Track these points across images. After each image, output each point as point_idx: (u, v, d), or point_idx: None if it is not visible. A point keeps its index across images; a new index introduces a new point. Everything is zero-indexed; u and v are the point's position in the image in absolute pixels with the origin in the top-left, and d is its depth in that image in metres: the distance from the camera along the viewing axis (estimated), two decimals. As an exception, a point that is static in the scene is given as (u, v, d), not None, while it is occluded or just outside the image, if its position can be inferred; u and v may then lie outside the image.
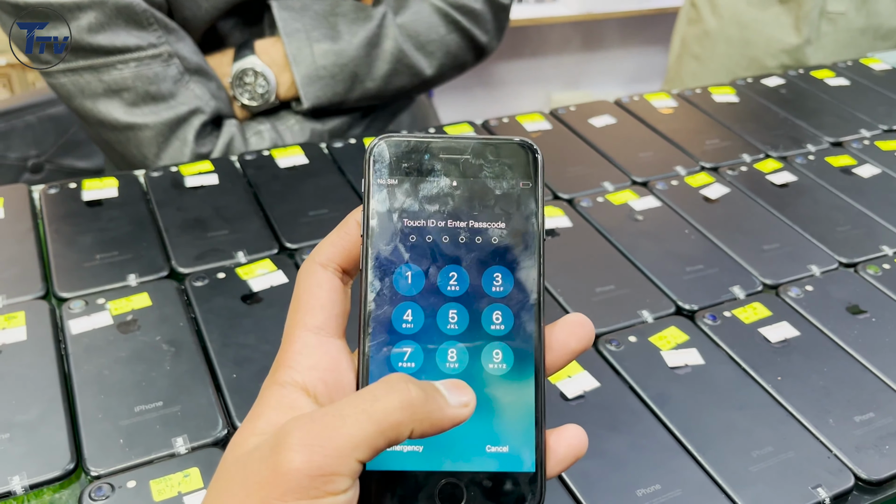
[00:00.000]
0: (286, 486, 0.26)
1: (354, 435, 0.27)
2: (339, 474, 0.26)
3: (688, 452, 0.54)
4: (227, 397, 0.56)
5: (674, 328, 0.64)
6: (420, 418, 0.28)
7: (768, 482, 0.52)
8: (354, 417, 0.27)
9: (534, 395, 0.32)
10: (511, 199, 0.33)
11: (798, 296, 0.69)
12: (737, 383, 0.60)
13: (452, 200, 0.33)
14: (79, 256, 0.68)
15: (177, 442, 0.52)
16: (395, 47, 0.92)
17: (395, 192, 0.33)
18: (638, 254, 0.73)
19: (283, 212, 0.75)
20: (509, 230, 0.33)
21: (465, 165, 0.33)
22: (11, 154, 1.43)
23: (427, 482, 0.31)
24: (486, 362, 0.32)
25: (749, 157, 0.90)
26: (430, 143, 0.33)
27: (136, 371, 0.57)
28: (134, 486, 0.49)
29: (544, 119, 0.95)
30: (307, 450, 0.26)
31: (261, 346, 0.60)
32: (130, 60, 0.80)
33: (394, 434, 0.28)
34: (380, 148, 0.33)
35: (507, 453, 0.31)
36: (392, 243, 0.32)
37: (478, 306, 0.32)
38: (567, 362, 0.33)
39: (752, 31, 1.38)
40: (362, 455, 0.27)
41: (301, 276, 0.33)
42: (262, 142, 0.89)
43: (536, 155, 0.34)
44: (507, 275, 0.33)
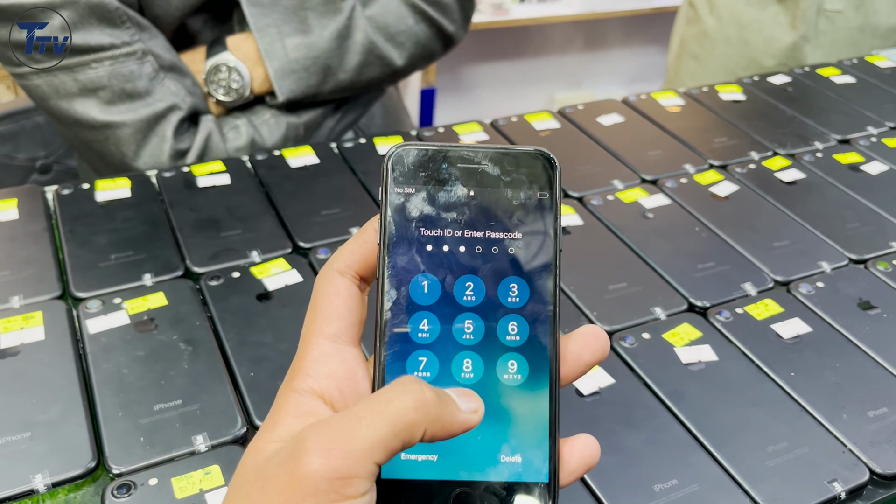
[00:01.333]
0: (305, 491, 0.26)
1: (370, 437, 0.27)
2: (357, 477, 0.27)
3: (704, 448, 0.55)
4: (246, 395, 0.56)
5: (687, 325, 0.65)
6: (433, 419, 0.28)
7: (784, 477, 0.53)
8: (370, 419, 0.27)
9: (548, 405, 0.32)
10: (528, 209, 0.33)
11: (809, 292, 0.69)
12: (750, 379, 0.60)
13: (469, 210, 0.33)
14: (94, 256, 0.68)
15: (197, 440, 0.52)
16: (366, 39, 0.93)
17: (413, 201, 0.33)
18: (649, 251, 0.73)
19: (295, 211, 0.75)
20: (526, 240, 0.33)
21: (483, 175, 0.33)
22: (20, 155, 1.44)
23: (441, 491, 0.31)
24: (502, 373, 0.32)
25: (757, 155, 0.91)
26: (448, 151, 0.33)
27: (155, 370, 0.57)
28: (156, 484, 0.49)
29: (552, 118, 0.95)
30: (325, 453, 0.27)
31: (277, 344, 0.60)
32: (105, 59, 0.80)
33: (408, 435, 0.28)
34: (397, 156, 0.33)
35: (521, 463, 0.31)
36: (409, 252, 0.33)
37: (494, 317, 0.33)
38: (581, 374, 0.33)
39: (751, 30, 1.38)
40: (379, 457, 0.27)
41: (319, 283, 0.33)
42: (240, 136, 0.89)
43: (554, 165, 0.34)
44: (523, 286, 0.33)
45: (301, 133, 0.94)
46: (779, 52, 1.36)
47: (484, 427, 0.31)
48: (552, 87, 2.68)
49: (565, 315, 0.65)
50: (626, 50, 2.72)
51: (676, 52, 1.53)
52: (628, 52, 2.73)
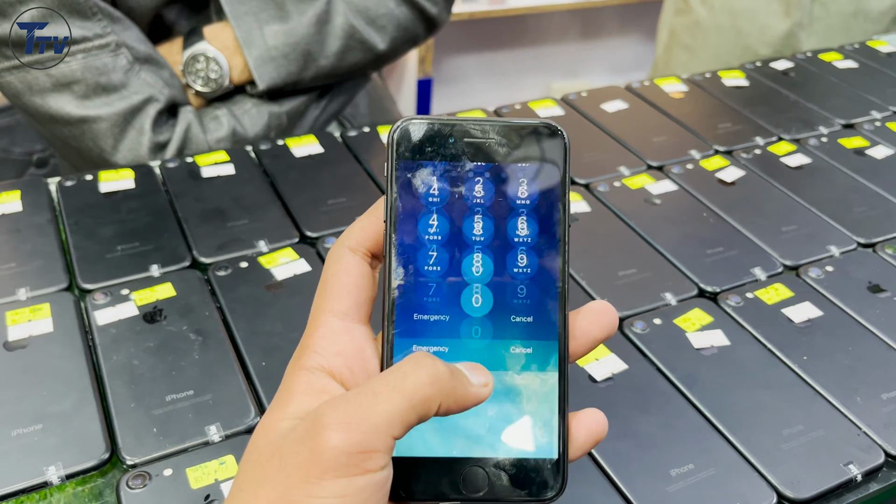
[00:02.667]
0: (326, 465, 0.26)
1: (388, 411, 0.27)
2: (376, 451, 0.27)
3: (719, 432, 0.55)
4: (258, 385, 0.56)
5: (698, 310, 0.65)
6: (446, 393, 0.29)
7: (800, 460, 0.53)
8: (386, 394, 0.27)
9: (557, 381, 0.32)
10: (536, 182, 0.33)
11: (819, 276, 0.69)
12: (763, 363, 0.60)
13: (476, 184, 0.33)
14: (100, 248, 0.67)
15: (210, 430, 0.52)
16: (346, 23, 0.91)
17: (419, 176, 0.32)
18: (658, 237, 0.73)
19: (301, 201, 0.75)
20: (534, 214, 0.33)
21: (490, 148, 0.32)
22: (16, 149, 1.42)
23: (451, 468, 0.31)
24: (510, 348, 0.32)
25: (762, 140, 0.90)
26: (455, 125, 0.33)
27: (165, 361, 0.57)
28: (171, 474, 0.49)
29: (556, 105, 0.94)
30: (344, 427, 0.27)
31: (288, 333, 0.60)
32: (77, 52, 0.78)
33: (424, 408, 0.28)
34: (403, 131, 0.32)
35: (531, 439, 0.31)
36: (415, 228, 0.32)
37: (502, 292, 0.32)
38: (589, 350, 0.33)
39: (745, 19, 1.37)
40: (397, 431, 0.27)
41: (329, 260, 0.33)
42: (220, 127, 0.87)
43: (563, 137, 0.33)
44: (531, 260, 0.33)
45: (284, 122, 0.92)
46: (773, 40, 1.35)
47: (493, 403, 0.31)
48: (548, 76, 2.67)
49: (575, 300, 0.65)
50: (622, 39, 2.72)
51: (666, 44, 1.52)
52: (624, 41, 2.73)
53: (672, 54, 1.50)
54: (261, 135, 0.90)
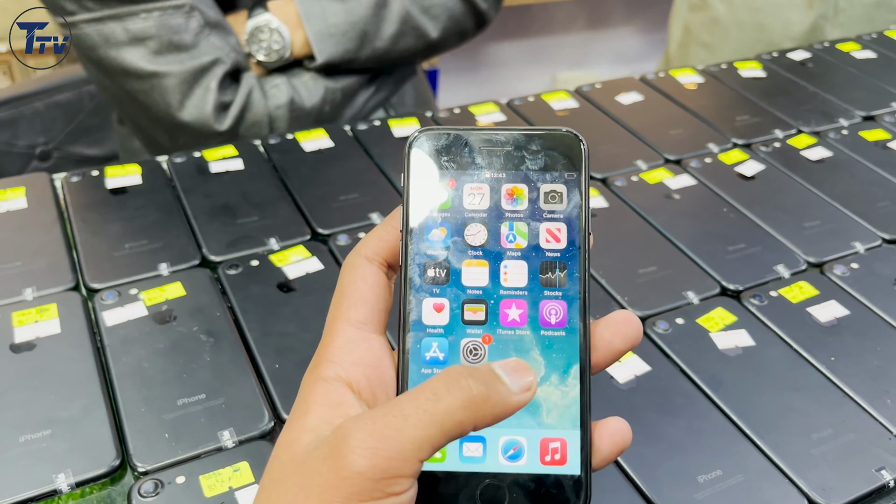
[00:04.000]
0: (349, 490, 0.26)
1: (418, 436, 0.26)
2: (402, 476, 0.26)
3: (746, 436, 0.53)
4: (272, 388, 0.54)
5: (721, 309, 0.63)
6: (483, 415, 0.27)
7: (831, 465, 0.51)
8: (417, 418, 0.26)
9: (579, 394, 0.31)
10: (555, 192, 0.32)
11: (844, 273, 0.67)
12: (790, 364, 0.59)
13: (495, 194, 0.32)
14: (107, 246, 0.66)
15: (223, 435, 0.51)
16: (402, 9, 0.94)
17: (436, 186, 0.32)
18: (677, 233, 0.71)
19: (312, 197, 0.73)
20: (553, 224, 0.32)
21: (508, 157, 0.32)
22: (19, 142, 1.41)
23: (468, 482, 0.30)
24: (531, 360, 0.31)
25: (781, 133, 0.88)
26: (472, 135, 0.32)
27: (176, 363, 0.55)
28: (183, 482, 0.47)
29: (570, 97, 0.93)
30: (370, 452, 0.26)
31: (302, 335, 0.59)
32: (154, 10, 0.81)
33: (456, 432, 0.27)
34: (420, 140, 0.32)
35: (552, 455, 0.30)
36: (433, 238, 0.31)
37: (521, 302, 0.31)
38: (612, 362, 0.32)
39: (767, 14, 1.34)
40: (424, 455, 0.26)
41: (345, 269, 0.32)
42: (280, 95, 0.90)
43: (582, 146, 0.32)
44: (551, 270, 0.32)
45: (338, 98, 0.95)
46: (798, 35, 1.32)
47: (513, 416, 0.29)
48: (554, 66, 2.64)
49: (595, 300, 0.63)
50: (628, 28, 2.69)
51: (680, 41, 1.50)
52: (630, 32, 2.70)
53: (689, 51, 1.47)
54: (316, 107, 0.93)
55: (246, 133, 0.90)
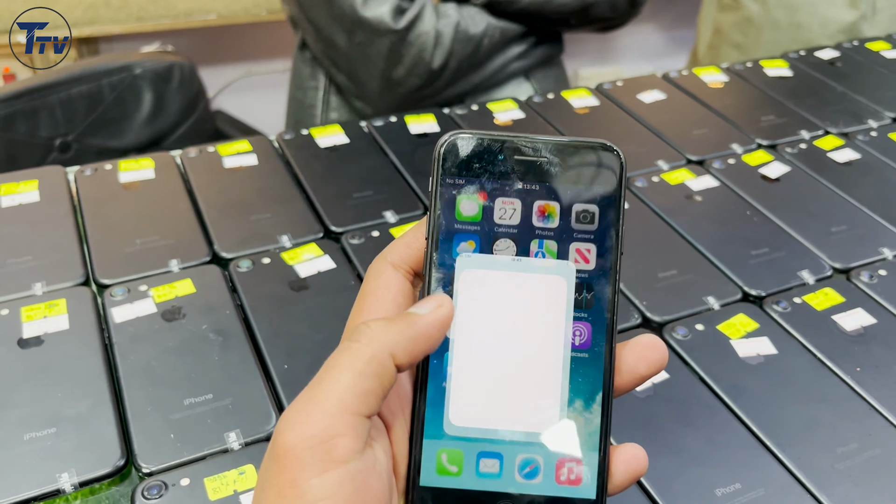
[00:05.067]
0: (292, 471, 0.25)
1: (336, 389, 0.26)
2: (339, 436, 0.25)
3: (767, 449, 0.51)
4: (280, 390, 0.53)
5: (742, 315, 0.61)
6: (393, 342, 0.27)
7: (856, 481, 0.49)
8: (329, 375, 0.26)
9: (599, 418, 0.30)
10: (588, 207, 0.30)
11: (871, 280, 0.65)
12: (813, 374, 0.57)
13: (524, 206, 0.30)
14: (119, 241, 0.65)
15: (230, 437, 0.50)
16: None
17: (465, 194, 0.30)
18: (699, 237, 0.70)
19: (326, 194, 0.72)
20: (585, 241, 0.30)
21: (541, 168, 0.30)
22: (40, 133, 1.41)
23: (484, 500, 0.29)
24: (551, 382, 0.30)
25: (808, 134, 0.86)
26: (505, 142, 0.30)
27: (184, 362, 0.55)
28: (188, 484, 0.47)
29: (591, 95, 0.91)
30: (297, 425, 0.25)
31: (313, 335, 0.57)
32: None
33: (376, 368, 0.26)
34: (450, 145, 0.30)
35: (568, 478, 0.29)
36: (459, 247, 0.30)
37: (547, 320, 0.30)
38: (635, 386, 0.31)
39: (804, 12, 1.31)
40: (355, 405, 0.26)
41: (370, 275, 0.31)
42: (449, 17, 0.98)
43: (620, 160, 0.31)
44: (578, 291, 0.30)
45: (496, 37, 1.02)
46: (836, 34, 1.29)
47: (531, 437, 0.29)
48: (577, 63, 2.62)
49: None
50: (652, 26, 2.65)
51: (710, 42, 1.47)
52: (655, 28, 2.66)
53: (719, 53, 1.44)
54: (477, 36, 1.00)
55: (414, 42, 0.96)
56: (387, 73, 0.99)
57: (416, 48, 0.97)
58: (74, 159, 1.38)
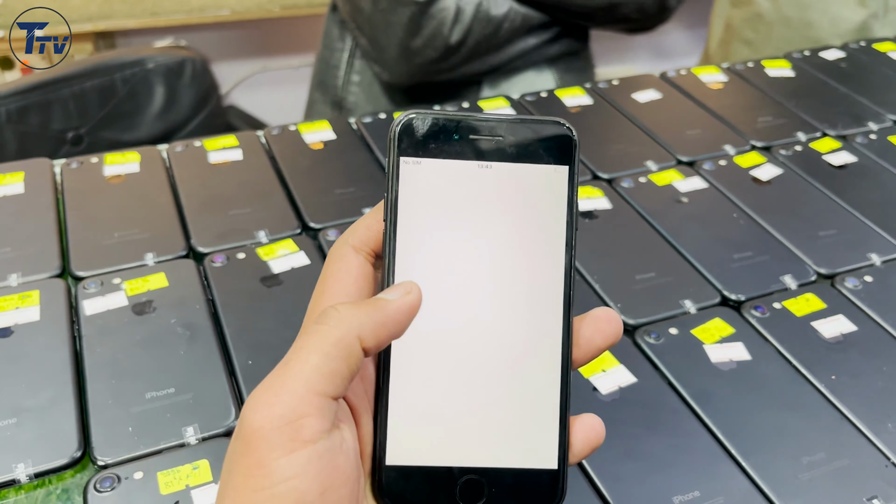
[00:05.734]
0: (259, 449, 0.25)
1: (303, 370, 0.26)
2: (306, 416, 0.25)
3: (731, 457, 0.50)
4: (242, 385, 0.53)
5: (718, 320, 0.60)
6: (361, 324, 0.27)
7: (819, 492, 0.48)
8: (296, 357, 0.26)
9: (559, 390, 0.30)
10: (543, 182, 0.31)
11: (856, 287, 0.64)
12: (786, 382, 0.56)
13: (482, 182, 0.30)
14: (98, 234, 0.66)
15: (187, 431, 0.50)
16: None
17: (421, 173, 0.30)
18: (682, 239, 0.68)
19: (308, 190, 0.72)
20: (540, 216, 0.31)
21: (497, 145, 0.31)
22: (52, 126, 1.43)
23: (448, 478, 0.29)
24: (511, 355, 0.30)
25: (805, 136, 0.84)
26: (461, 120, 0.30)
27: (150, 355, 0.55)
28: (141, 478, 0.47)
29: (585, 94, 0.90)
30: (264, 406, 0.25)
31: (281, 331, 0.57)
32: None
33: (343, 351, 0.26)
34: (406, 125, 0.30)
35: (530, 449, 0.30)
36: (417, 228, 0.30)
37: (504, 296, 0.30)
38: (591, 359, 0.32)
39: (815, 10, 1.29)
40: (321, 385, 0.26)
41: (330, 258, 0.31)
42: (470, 1, 0.97)
43: (572, 136, 0.31)
44: (536, 263, 0.31)
45: (518, 22, 1.02)
46: (846, 33, 1.27)
47: (492, 411, 0.30)
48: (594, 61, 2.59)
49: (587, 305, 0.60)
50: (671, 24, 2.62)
51: (721, 38, 1.45)
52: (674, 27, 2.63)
53: (730, 49, 1.43)
54: (498, 18, 1.00)
55: (435, 15, 0.96)
56: (405, 42, 0.99)
57: (436, 21, 0.97)
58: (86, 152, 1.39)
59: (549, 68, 1.11)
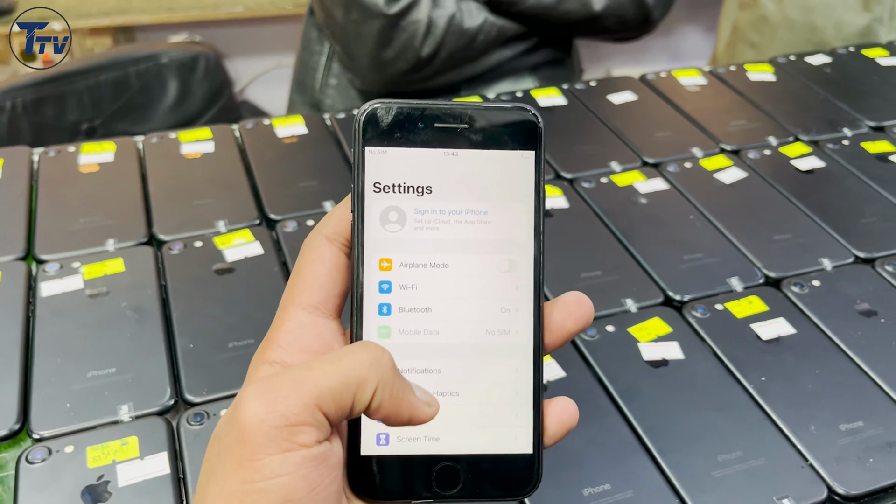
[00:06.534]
0: (255, 442, 0.25)
1: (320, 385, 0.26)
2: (306, 424, 0.26)
3: (647, 452, 0.51)
4: (181, 367, 0.55)
5: (657, 319, 0.61)
6: (386, 382, 0.27)
7: (730, 490, 0.49)
8: (321, 369, 0.26)
9: (532, 375, 0.31)
10: (510, 169, 0.31)
11: (802, 291, 0.64)
12: (715, 381, 0.56)
13: (449, 170, 0.31)
14: (64, 220, 0.68)
15: (122, 409, 0.52)
16: None
17: (388, 163, 0.30)
18: (634, 239, 0.69)
19: (272, 182, 0.74)
20: (508, 202, 0.31)
21: (462, 133, 0.31)
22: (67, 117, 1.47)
23: (422, 465, 0.30)
24: (484, 340, 0.31)
25: (776, 141, 0.84)
26: (426, 108, 0.31)
27: (97, 337, 0.57)
28: (71, 452, 0.49)
29: (560, 94, 0.90)
30: (269, 401, 0.25)
31: (225, 317, 0.59)
32: None
33: (359, 390, 0.27)
34: (370, 115, 0.30)
35: (505, 434, 0.30)
36: (384, 218, 0.30)
37: (475, 283, 0.31)
38: (563, 343, 0.32)
39: (819, 14, 1.28)
40: (328, 406, 0.26)
41: (305, 248, 0.31)
42: (445, 7, 0.98)
43: (537, 122, 0.31)
44: (504, 251, 0.31)
45: (493, 34, 1.02)
46: (850, 37, 1.26)
47: (465, 397, 0.30)
48: (609, 63, 2.59)
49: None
50: (690, 27, 2.61)
51: (728, 40, 1.44)
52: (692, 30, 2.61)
53: (735, 51, 1.42)
54: (472, 31, 1.00)
55: (406, 28, 0.97)
56: (375, 53, 1.00)
57: (407, 34, 0.98)
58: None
59: (531, 76, 1.11)
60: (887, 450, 0.52)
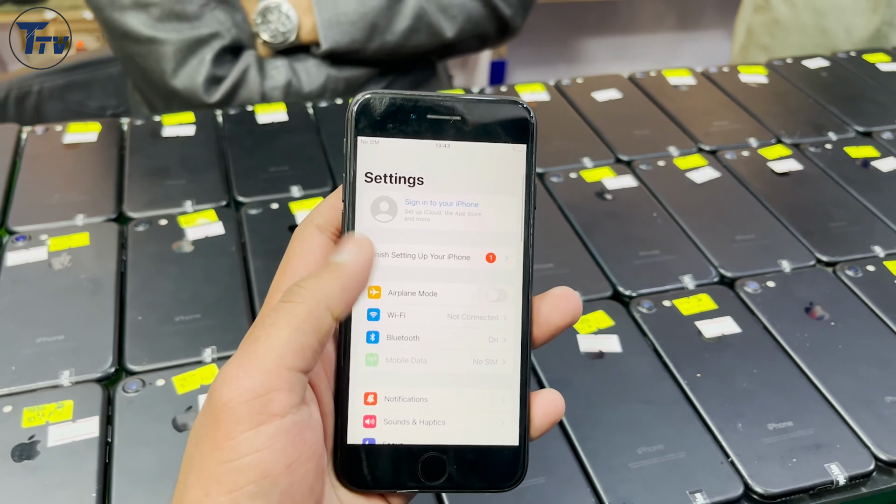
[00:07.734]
0: (228, 423, 0.25)
1: (273, 345, 0.26)
2: (275, 390, 0.26)
3: (568, 441, 0.51)
4: (126, 338, 0.57)
5: (601, 312, 0.61)
6: (326, 295, 0.27)
7: (644, 482, 0.49)
8: (266, 332, 0.26)
9: (519, 368, 0.31)
10: (501, 162, 0.31)
11: (755, 291, 0.64)
12: (649, 376, 0.56)
13: (440, 162, 0.31)
14: (40, 194, 0.71)
15: (63, 374, 0.54)
16: (418, 5, 0.94)
17: (379, 153, 0.31)
18: (593, 234, 0.69)
19: (244, 166, 0.76)
20: (499, 195, 0.31)
21: (454, 125, 0.31)
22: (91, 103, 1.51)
23: (409, 456, 0.30)
24: (472, 333, 0.31)
25: (756, 142, 0.83)
26: (419, 100, 0.31)
27: (52, 306, 0.59)
28: (9, 412, 0.51)
29: (545, 90, 0.91)
30: (233, 379, 0.26)
31: (176, 293, 0.61)
32: None
33: (314, 324, 0.27)
34: (363, 105, 0.30)
35: (492, 426, 0.31)
36: (375, 208, 0.31)
37: (464, 276, 0.31)
38: (550, 337, 0.32)
39: (830, 17, 1.26)
40: (292, 360, 0.26)
41: (295, 238, 0.31)
42: (278, 76, 0.92)
43: (529, 115, 0.31)
44: (494, 242, 0.31)
45: (340, 88, 0.96)
46: (860, 41, 1.24)
47: (453, 389, 0.31)
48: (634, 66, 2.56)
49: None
50: (720, 31, 2.57)
51: (742, 43, 1.43)
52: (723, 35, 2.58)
53: (749, 55, 1.41)
54: (314, 93, 0.95)
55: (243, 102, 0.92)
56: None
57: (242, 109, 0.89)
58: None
59: None
60: (814, 451, 0.51)
